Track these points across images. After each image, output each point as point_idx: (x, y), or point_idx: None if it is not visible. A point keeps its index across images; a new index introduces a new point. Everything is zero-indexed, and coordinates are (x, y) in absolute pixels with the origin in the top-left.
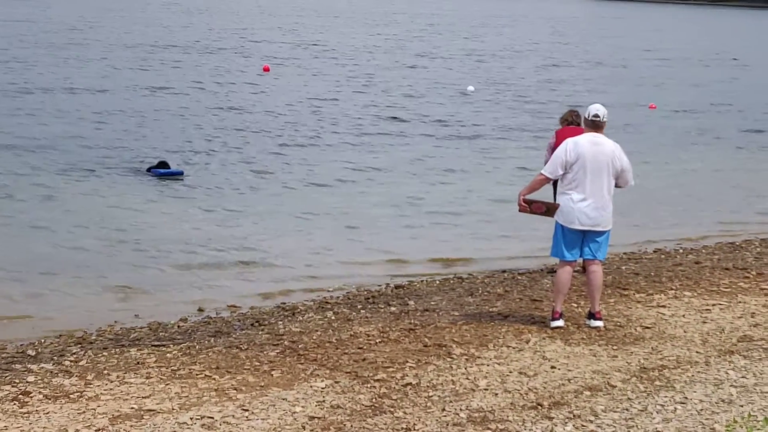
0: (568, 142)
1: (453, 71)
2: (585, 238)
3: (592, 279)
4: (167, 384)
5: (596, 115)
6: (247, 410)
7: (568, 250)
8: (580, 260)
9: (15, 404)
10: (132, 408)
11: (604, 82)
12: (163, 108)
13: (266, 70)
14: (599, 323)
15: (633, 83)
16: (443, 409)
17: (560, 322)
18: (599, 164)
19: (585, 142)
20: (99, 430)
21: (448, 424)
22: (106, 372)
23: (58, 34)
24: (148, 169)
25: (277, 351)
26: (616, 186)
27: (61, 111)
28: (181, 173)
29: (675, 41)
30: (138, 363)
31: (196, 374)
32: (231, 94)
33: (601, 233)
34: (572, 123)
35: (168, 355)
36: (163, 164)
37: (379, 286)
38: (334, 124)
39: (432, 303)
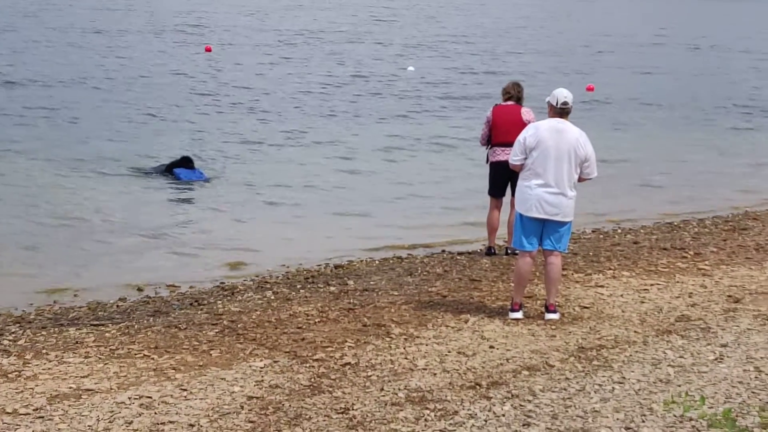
0: (529, 128)
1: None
2: (545, 228)
3: (550, 271)
4: (106, 363)
5: (565, 103)
6: (185, 390)
7: (526, 240)
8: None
9: None
10: (70, 387)
11: (548, 64)
12: (138, 99)
13: (208, 50)
14: (554, 316)
15: (579, 65)
16: (382, 389)
17: (519, 314)
18: (560, 151)
19: (546, 128)
20: (37, 409)
21: (386, 404)
22: (44, 351)
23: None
24: (169, 167)
25: (216, 330)
26: (579, 179)
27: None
28: (207, 179)
29: (630, 25)
30: (77, 342)
31: (135, 354)
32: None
33: (562, 224)
34: (513, 97)
35: (107, 334)
36: (186, 160)
37: (319, 265)
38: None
39: (371, 283)
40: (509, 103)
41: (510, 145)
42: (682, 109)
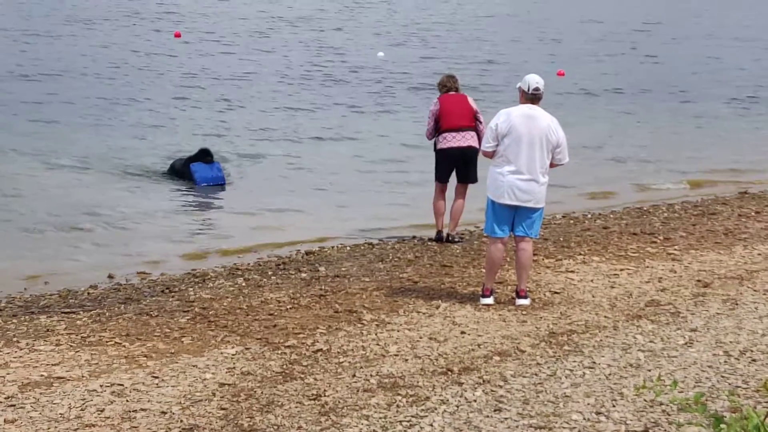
0: (501, 114)
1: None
2: (517, 214)
3: (521, 257)
4: (77, 351)
5: (536, 89)
6: (157, 377)
7: (498, 226)
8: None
9: None
10: (42, 375)
11: (523, 49)
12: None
13: (177, 36)
14: (525, 301)
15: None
16: (354, 375)
17: (490, 300)
18: (532, 137)
19: (518, 114)
20: (8, 397)
21: (358, 390)
22: (15, 339)
23: None
24: (187, 162)
25: (188, 318)
26: (550, 165)
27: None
28: (224, 182)
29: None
30: (48, 330)
31: (106, 341)
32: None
33: (534, 210)
34: (450, 89)
35: (78, 322)
36: (204, 152)
37: (290, 252)
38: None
39: (343, 269)
40: (451, 93)
41: (460, 130)
42: (661, 96)
